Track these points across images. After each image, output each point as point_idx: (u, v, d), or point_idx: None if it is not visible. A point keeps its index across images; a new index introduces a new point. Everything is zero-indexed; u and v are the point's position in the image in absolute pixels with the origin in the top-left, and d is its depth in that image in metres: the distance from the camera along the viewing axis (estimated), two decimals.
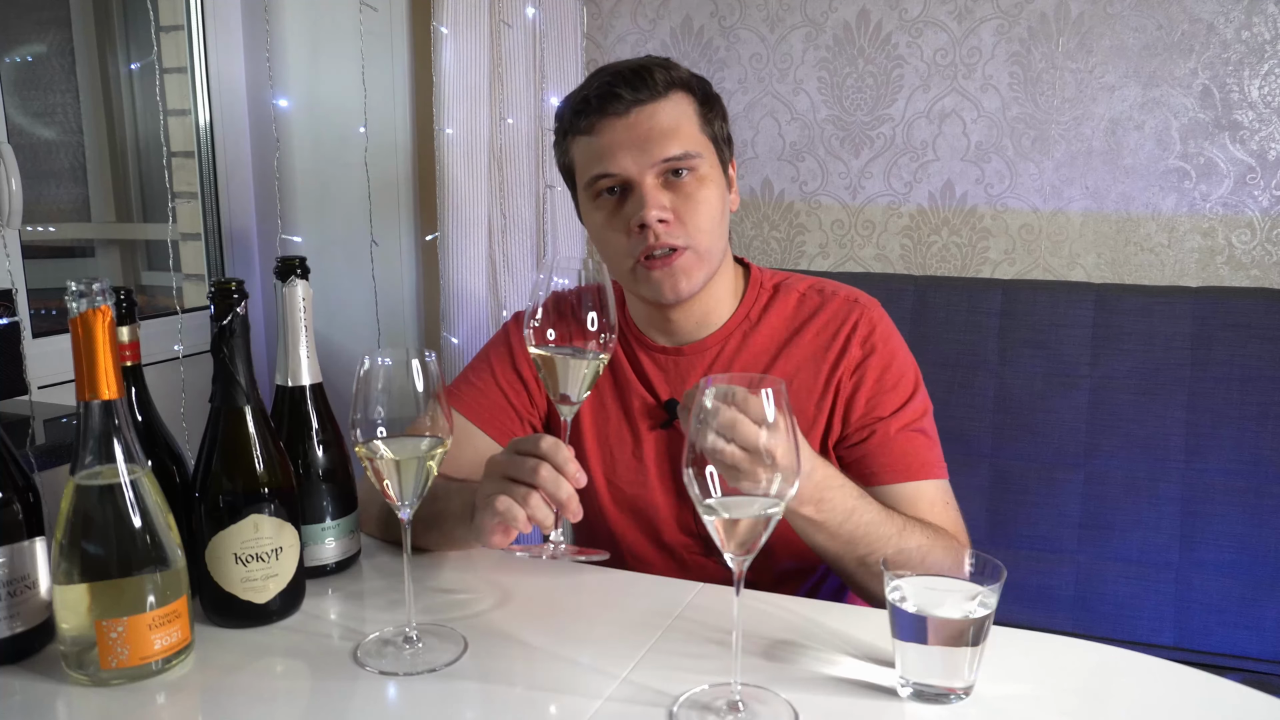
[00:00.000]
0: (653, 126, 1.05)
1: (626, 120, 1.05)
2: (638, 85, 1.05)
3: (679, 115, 1.06)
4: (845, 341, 1.12)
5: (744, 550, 0.70)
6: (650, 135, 1.05)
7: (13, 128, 1.52)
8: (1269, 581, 1.42)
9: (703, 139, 1.08)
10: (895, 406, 1.10)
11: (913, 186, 1.83)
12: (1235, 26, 1.60)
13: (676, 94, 1.07)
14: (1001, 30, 1.73)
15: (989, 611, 0.74)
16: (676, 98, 1.07)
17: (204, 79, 1.85)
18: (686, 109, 1.07)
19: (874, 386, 1.10)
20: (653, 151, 1.04)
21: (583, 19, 1.93)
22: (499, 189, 1.80)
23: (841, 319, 1.13)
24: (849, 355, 1.11)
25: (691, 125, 1.07)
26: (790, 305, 1.16)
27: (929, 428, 1.11)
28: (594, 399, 1.18)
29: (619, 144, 1.05)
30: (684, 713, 0.75)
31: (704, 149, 1.08)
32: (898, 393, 1.10)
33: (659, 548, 1.17)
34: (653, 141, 1.04)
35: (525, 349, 1.20)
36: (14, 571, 0.80)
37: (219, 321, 0.86)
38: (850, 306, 1.15)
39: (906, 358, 1.14)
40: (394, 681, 0.80)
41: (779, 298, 1.17)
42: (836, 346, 1.12)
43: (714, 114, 1.11)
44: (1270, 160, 1.62)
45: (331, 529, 1.00)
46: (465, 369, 1.23)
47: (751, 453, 0.70)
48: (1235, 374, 1.44)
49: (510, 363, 1.20)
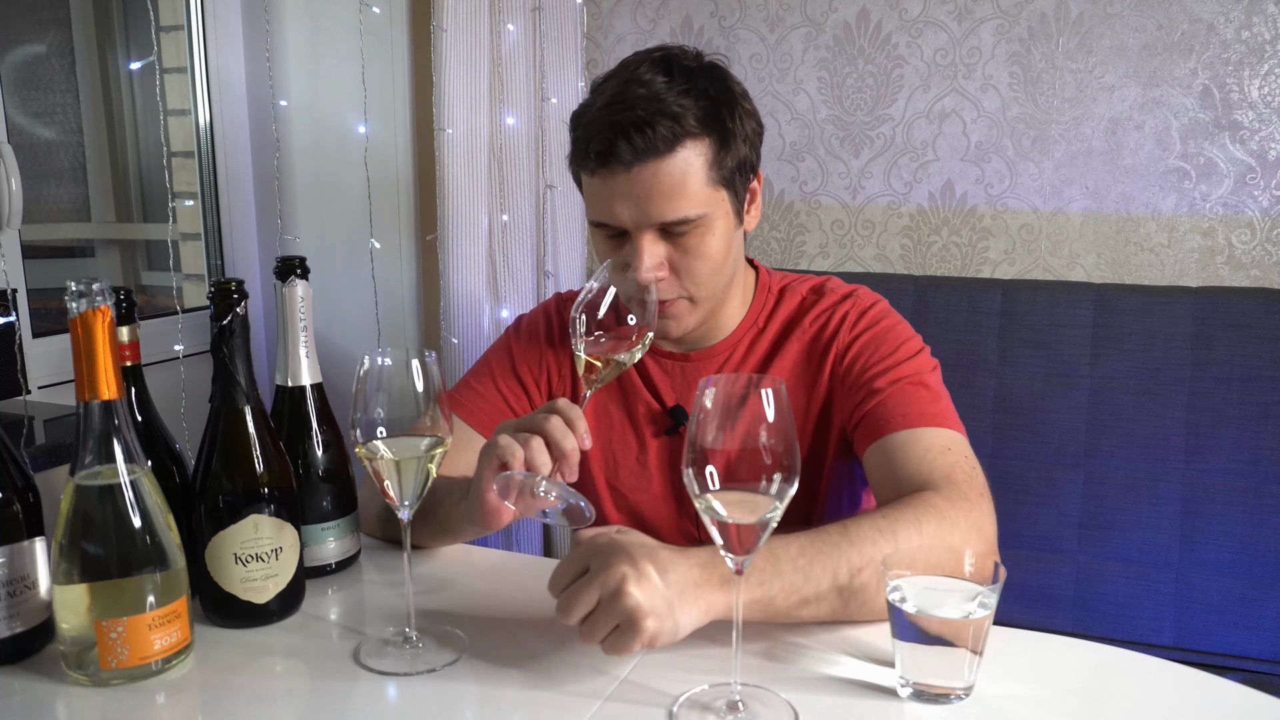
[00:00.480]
0: (654, 186, 1.00)
1: (629, 175, 1.00)
2: (641, 141, 0.98)
3: (684, 173, 1.00)
4: (836, 329, 1.11)
5: (743, 550, 0.70)
6: (650, 195, 1.00)
7: (13, 128, 1.52)
8: (1269, 581, 1.42)
9: (709, 191, 1.02)
10: (888, 366, 1.06)
11: (913, 186, 1.83)
12: (1235, 26, 1.60)
13: (685, 147, 1.00)
14: (1001, 30, 1.73)
15: (989, 612, 0.74)
16: (684, 152, 1.00)
17: (204, 79, 1.85)
18: (695, 162, 1.00)
19: (866, 358, 1.08)
20: (651, 213, 1.01)
21: (583, 19, 1.93)
22: (499, 189, 1.80)
23: (833, 309, 1.13)
24: (839, 339, 1.11)
25: (698, 181, 1.01)
26: (793, 306, 1.16)
27: (932, 383, 1.05)
28: (597, 404, 1.18)
29: (619, 196, 1.01)
30: (684, 713, 0.75)
31: (712, 203, 1.02)
32: (892, 356, 1.07)
33: None
34: (652, 202, 1.00)
35: (526, 355, 1.20)
36: (14, 571, 0.80)
37: (219, 321, 0.86)
38: (844, 299, 1.14)
39: (903, 331, 1.11)
40: (394, 681, 0.80)
41: (784, 300, 1.17)
42: (828, 334, 1.12)
43: (730, 150, 1.03)
44: (1270, 160, 1.62)
45: (331, 529, 1.00)
46: (466, 374, 1.23)
47: None
48: (1235, 374, 1.44)
49: (511, 368, 1.20)
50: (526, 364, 1.20)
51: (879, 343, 1.09)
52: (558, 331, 1.22)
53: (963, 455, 0.98)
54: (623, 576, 0.74)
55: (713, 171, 1.02)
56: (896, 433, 1.00)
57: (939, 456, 0.96)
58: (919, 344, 1.10)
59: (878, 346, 1.09)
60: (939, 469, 0.95)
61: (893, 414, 1.02)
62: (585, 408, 0.89)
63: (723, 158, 1.03)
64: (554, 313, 1.24)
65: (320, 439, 0.99)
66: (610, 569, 0.75)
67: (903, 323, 1.13)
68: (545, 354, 1.21)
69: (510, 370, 1.20)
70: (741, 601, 0.79)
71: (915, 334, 1.12)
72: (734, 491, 0.69)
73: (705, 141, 1.01)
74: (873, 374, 1.06)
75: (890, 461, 0.99)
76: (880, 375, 1.05)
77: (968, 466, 0.96)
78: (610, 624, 0.75)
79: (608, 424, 1.18)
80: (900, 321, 1.13)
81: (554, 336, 1.22)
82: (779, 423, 0.69)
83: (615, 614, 0.74)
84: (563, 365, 1.21)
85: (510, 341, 1.23)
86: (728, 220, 1.06)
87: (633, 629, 0.74)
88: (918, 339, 1.11)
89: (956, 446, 0.98)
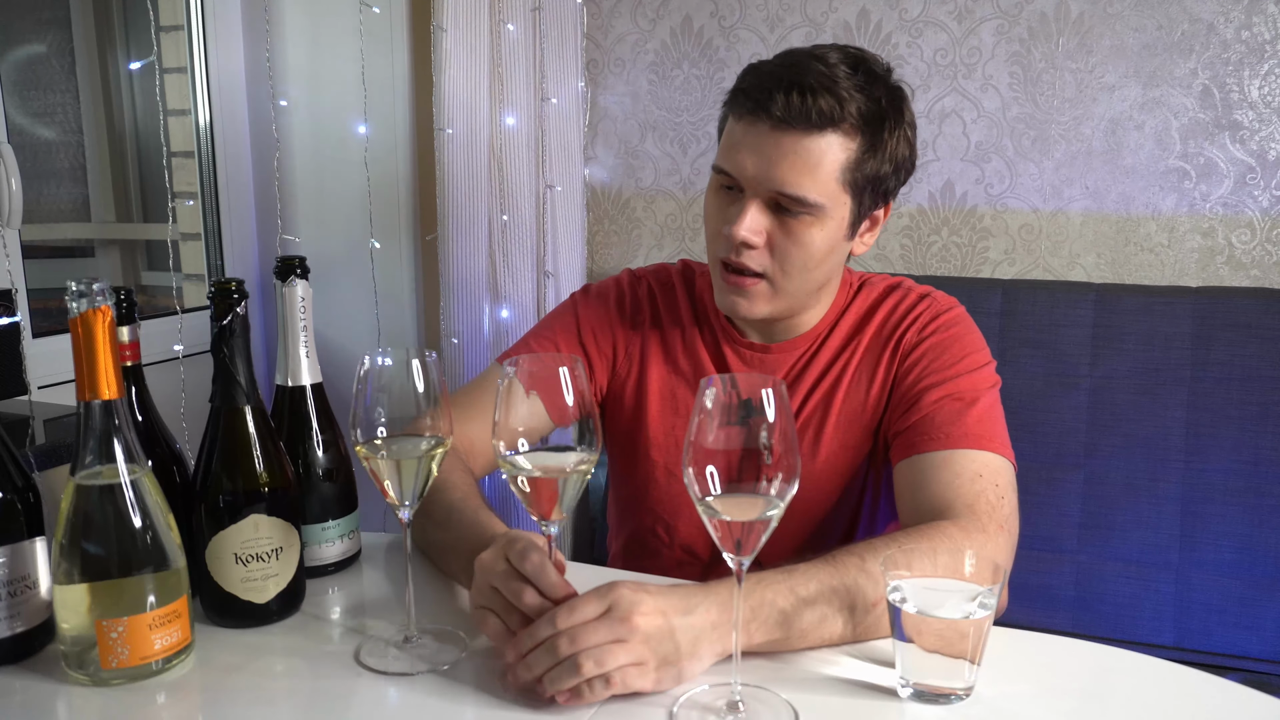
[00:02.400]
0: (788, 155, 0.97)
1: (771, 134, 0.98)
2: (800, 105, 0.96)
3: (821, 158, 0.97)
4: (905, 329, 1.10)
5: (743, 550, 0.70)
6: (780, 161, 0.98)
7: (13, 128, 1.52)
8: (1269, 581, 1.42)
9: (837, 189, 1.00)
10: (944, 379, 1.04)
11: (913, 186, 1.83)
12: (1235, 26, 1.60)
13: (835, 132, 0.97)
14: (1001, 30, 1.73)
15: (989, 612, 0.74)
16: (832, 136, 0.97)
17: (204, 79, 1.85)
18: (836, 153, 0.98)
19: (925, 365, 1.06)
20: (776, 177, 0.98)
21: (583, 19, 1.93)
22: (499, 189, 1.80)
23: (907, 309, 1.11)
24: (905, 340, 1.09)
25: (831, 173, 0.98)
26: (869, 301, 1.14)
27: (984, 402, 1.02)
28: (665, 389, 1.16)
29: (750, 150, 0.99)
30: (684, 713, 0.75)
31: (833, 199, 1.00)
32: (952, 369, 1.05)
33: (698, 529, 1.16)
34: (779, 169, 0.98)
35: (594, 323, 1.18)
36: (14, 571, 0.80)
37: (219, 321, 0.86)
38: (919, 299, 1.12)
39: (970, 343, 1.08)
40: (394, 681, 0.80)
41: (861, 294, 1.15)
42: (898, 334, 1.10)
43: (874, 160, 1.01)
44: (1270, 160, 1.62)
45: (331, 529, 1.00)
46: (526, 334, 1.21)
47: None
48: (1235, 374, 1.44)
49: (576, 335, 1.18)
50: (593, 333, 1.18)
51: (942, 350, 1.07)
52: (629, 306, 1.20)
53: (992, 484, 0.95)
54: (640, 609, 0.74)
55: (849, 171, 1.00)
56: (931, 452, 0.99)
57: (967, 484, 0.94)
58: (984, 358, 1.08)
59: (940, 354, 1.07)
60: (963, 497, 0.93)
61: (933, 432, 1.00)
62: (650, 395, 0.84)
63: (864, 163, 1.00)
64: (626, 287, 1.21)
65: (320, 439, 0.99)
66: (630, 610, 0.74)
67: (973, 332, 1.10)
68: (616, 327, 1.19)
69: (575, 337, 1.17)
70: (758, 641, 0.80)
71: (983, 346, 1.09)
72: (734, 494, 0.69)
73: (856, 139, 0.99)
74: (926, 385, 1.04)
75: (918, 482, 0.98)
76: (933, 388, 1.04)
77: (993, 496, 0.94)
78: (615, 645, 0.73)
79: (673, 410, 1.16)
80: (970, 331, 1.10)
81: (625, 310, 1.19)
82: (779, 423, 0.69)
83: None
84: (630, 344, 1.18)
85: (577, 307, 1.20)
86: (841, 225, 1.03)
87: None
88: (984, 352, 1.08)
89: (989, 473, 0.96)
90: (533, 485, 0.77)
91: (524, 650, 0.75)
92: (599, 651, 0.72)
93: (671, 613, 0.75)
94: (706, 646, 0.77)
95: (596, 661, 0.72)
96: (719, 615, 0.77)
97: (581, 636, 0.72)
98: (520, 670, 0.75)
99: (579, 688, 0.73)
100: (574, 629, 0.73)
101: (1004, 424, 1.03)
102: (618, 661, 0.72)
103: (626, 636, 0.73)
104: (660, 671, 0.75)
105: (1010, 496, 0.96)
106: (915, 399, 1.04)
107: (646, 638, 0.73)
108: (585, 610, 0.74)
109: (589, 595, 0.75)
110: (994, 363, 1.08)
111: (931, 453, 0.98)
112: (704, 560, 1.17)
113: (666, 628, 0.74)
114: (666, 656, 0.75)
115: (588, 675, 0.72)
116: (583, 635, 0.72)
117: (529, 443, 0.78)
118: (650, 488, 1.17)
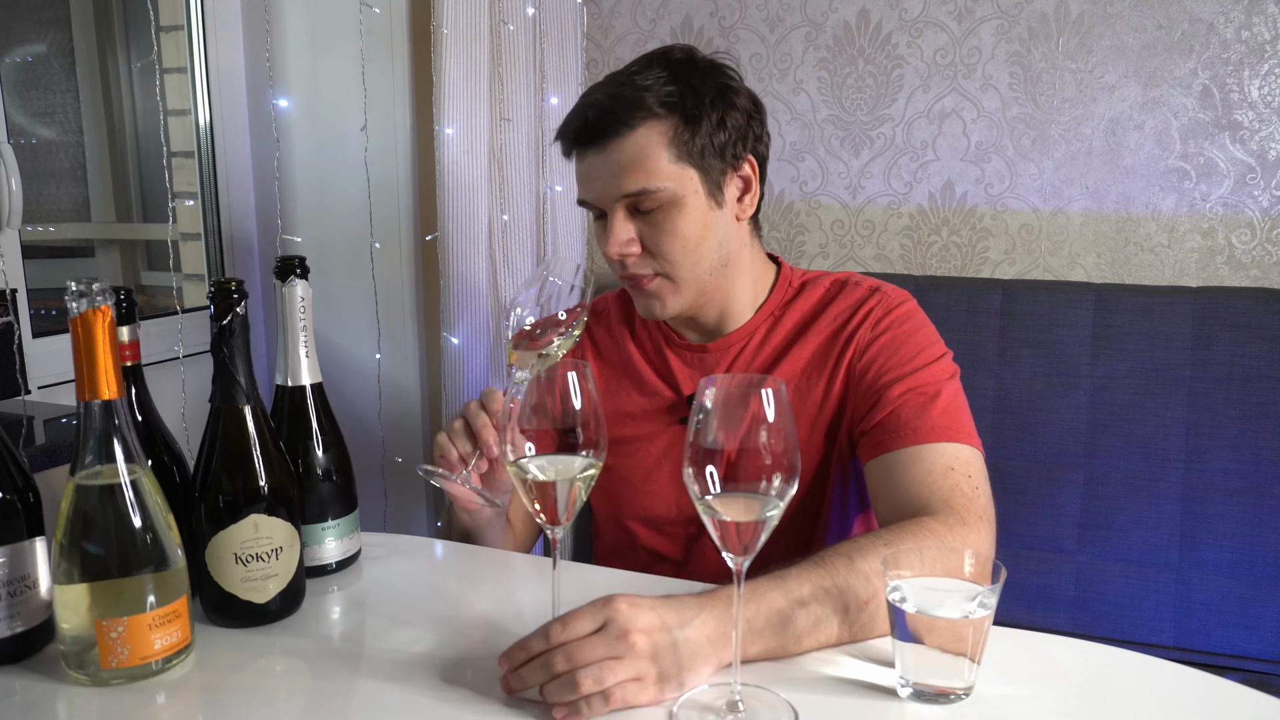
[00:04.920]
0: (613, 163, 1.05)
1: (594, 154, 1.07)
2: (606, 118, 1.05)
3: (643, 148, 1.05)
4: (858, 324, 1.10)
5: (743, 550, 0.70)
6: (611, 171, 1.06)
7: (13, 128, 1.52)
8: (1269, 581, 1.42)
9: (674, 168, 1.05)
10: (904, 374, 1.05)
11: (913, 186, 1.83)
12: (1235, 26, 1.60)
13: (647, 124, 1.05)
14: (1001, 30, 1.73)
15: (989, 612, 0.74)
16: (646, 129, 1.05)
17: (204, 79, 1.85)
18: (654, 138, 1.05)
19: (883, 362, 1.07)
20: (614, 187, 1.06)
21: (583, 19, 1.93)
22: (499, 189, 1.80)
23: (858, 304, 1.12)
24: (859, 337, 1.10)
25: (658, 157, 1.05)
26: (814, 299, 1.16)
27: (947, 392, 1.03)
28: (612, 393, 1.21)
29: (592, 174, 1.08)
30: (684, 713, 0.75)
31: (675, 179, 1.05)
32: (910, 363, 1.06)
33: (657, 531, 1.19)
34: (615, 178, 1.06)
35: (597, 340, 1.27)
36: (14, 571, 0.80)
37: (219, 321, 0.86)
38: (870, 293, 1.13)
39: (925, 336, 1.10)
40: (394, 681, 0.80)
41: (804, 293, 1.17)
42: (849, 329, 1.11)
43: (697, 131, 1.06)
44: (1270, 160, 1.62)
45: (331, 529, 1.00)
46: None
47: None
48: (1235, 374, 1.44)
49: None
50: (591, 349, 1.26)
51: (899, 345, 1.08)
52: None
53: (964, 475, 0.96)
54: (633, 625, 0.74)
55: (675, 147, 1.05)
56: (901, 449, 1.00)
57: (940, 478, 0.96)
58: (940, 349, 1.09)
59: (897, 349, 1.07)
60: (938, 493, 0.95)
61: (900, 428, 1.01)
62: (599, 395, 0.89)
63: (688, 137, 1.05)
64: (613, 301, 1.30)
65: (320, 439, 0.99)
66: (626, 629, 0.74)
67: (926, 325, 1.12)
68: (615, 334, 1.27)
69: None
70: (755, 651, 0.80)
71: (938, 338, 1.11)
72: (734, 493, 0.69)
73: (667, 122, 1.05)
74: (887, 380, 1.05)
75: (891, 480, 0.99)
76: (894, 383, 1.04)
77: (968, 488, 0.95)
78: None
79: (624, 414, 1.19)
80: (924, 325, 1.11)
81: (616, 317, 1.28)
82: (779, 423, 0.69)
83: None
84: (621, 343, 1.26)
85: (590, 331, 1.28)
86: (699, 198, 1.07)
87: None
88: (940, 344, 1.10)
89: (960, 465, 0.97)
90: (540, 490, 0.77)
91: (516, 663, 0.75)
92: (597, 668, 0.72)
93: (669, 627, 0.75)
94: (705, 659, 0.76)
95: (595, 679, 0.71)
96: (716, 628, 0.77)
97: (578, 653, 0.72)
98: (514, 682, 0.75)
99: (577, 704, 0.72)
100: (570, 645, 0.73)
101: (968, 412, 1.04)
102: (617, 678, 0.72)
103: (624, 653, 0.72)
104: (659, 685, 0.75)
105: (984, 485, 0.97)
106: (877, 396, 1.05)
107: (644, 653, 0.73)
108: (580, 625, 0.73)
109: (584, 610, 0.75)
110: (950, 352, 1.10)
111: (901, 450, 1.00)
112: (677, 560, 1.19)
113: (664, 643, 0.74)
114: (665, 671, 0.74)
115: (586, 692, 0.71)
116: (579, 652, 0.72)
117: (536, 449, 0.78)
118: (605, 487, 1.21)
